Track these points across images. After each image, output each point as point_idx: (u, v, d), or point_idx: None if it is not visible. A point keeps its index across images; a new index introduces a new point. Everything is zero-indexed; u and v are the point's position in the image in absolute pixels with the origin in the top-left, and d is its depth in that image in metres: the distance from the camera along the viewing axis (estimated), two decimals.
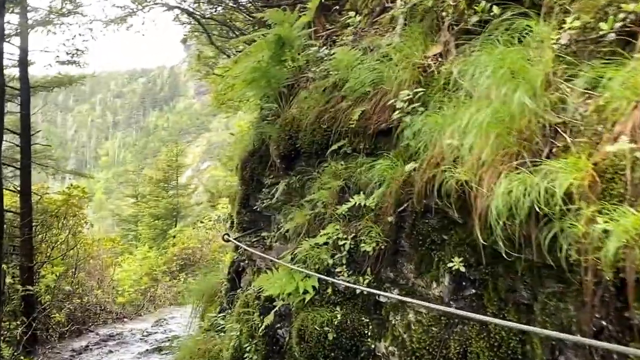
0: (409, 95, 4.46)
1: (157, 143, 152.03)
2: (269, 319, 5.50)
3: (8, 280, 13.45)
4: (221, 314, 8.32)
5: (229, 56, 15.88)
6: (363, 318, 4.62)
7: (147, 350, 12.35)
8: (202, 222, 27.58)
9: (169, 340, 13.11)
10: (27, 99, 15.48)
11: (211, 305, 9.45)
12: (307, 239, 5.20)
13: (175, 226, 30.81)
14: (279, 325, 5.66)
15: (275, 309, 5.48)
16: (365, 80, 5.09)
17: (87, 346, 14.37)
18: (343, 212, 4.90)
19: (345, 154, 5.30)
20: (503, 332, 3.40)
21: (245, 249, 7.21)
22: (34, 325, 14.06)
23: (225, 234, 7.50)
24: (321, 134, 5.55)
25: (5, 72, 15.36)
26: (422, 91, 4.42)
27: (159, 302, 20.83)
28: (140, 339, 14.16)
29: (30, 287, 14.42)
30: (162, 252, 26.07)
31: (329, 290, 4.90)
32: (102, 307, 18.04)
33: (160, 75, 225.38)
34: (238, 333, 6.55)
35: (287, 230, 5.82)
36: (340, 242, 4.80)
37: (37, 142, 16.21)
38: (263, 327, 5.66)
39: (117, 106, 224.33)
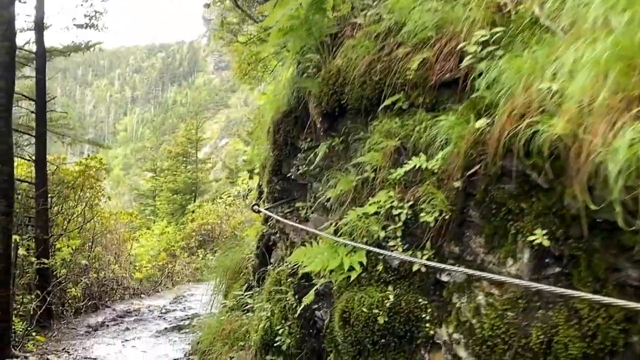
0: (484, 36, 3.72)
1: (175, 119, 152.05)
2: (309, 298, 4.83)
3: (22, 252, 12.88)
4: (248, 292, 7.68)
5: (255, 21, 15.18)
6: (420, 300, 3.92)
7: (165, 328, 11.75)
8: (221, 197, 27.03)
9: (188, 318, 12.51)
10: (43, 63, 14.83)
11: (236, 283, 8.80)
12: (353, 208, 4.50)
13: (194, 201, 30.23)
14: (316, 305, 5.01)
15: (315, 288, 4.82)
16: (427, 22, 4.34)
17: (103, 322, 13.85)
18: (398, 177, 4.18)
19: (401, 110, 4.56)
20: (600, 319, 2.68)
21: (277, 220, 6.55)
22: (48, 299, 13.57)
23: (254, 205, 6.86)
24: (372, 88, 4.81)
25: (20, 35, 14.77)
26: (500, 31, 3.68)
27: (177, 278, 20.29)
28: (159, 316, 13.60)
29: (45, 260, 13.86)
30: (181, 227, 25.51)
31: (379, 267, 4.21)
32: (119, 283, 17.50)
33: (180, 50, 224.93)
34: (269, 314, 5.90)
35: (328, 199, 5.12)
36: (395, 212, 4.11)
37: (53, 109, 15.56)
38: (300, 307, 5.00)
39: (135, 81, 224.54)
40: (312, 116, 5.67)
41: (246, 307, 7.43)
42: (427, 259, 3.85)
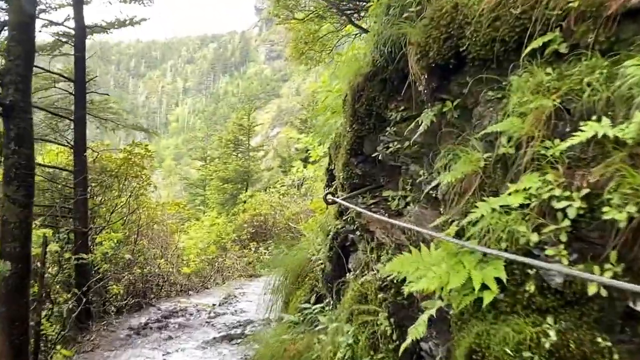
0: None
1: (226, 109, 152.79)
2: (418, 330, 3.26)
3: (54, 247, 11.60)
4: (317, 305, 6.15)
5: None
6: (600, 339, 2.57)
7: (214, 338, 10.22)
8: (274, 187, 25.61)
9: (240, 325, 11.01)
10: (82, 40, 13.51)
11: (299, 289, 7.26)
12: (483, 199, 3.04)
13: (246, 191, 28.83)
14: (423, 336, 3.46)
15: (425, 315, 3.29)
16: None
17: (146, 324, 12.49)
18: (560, 152, 2.73)
19: (557, 55, 3.06)
20: None
21: (358, 214, 5.00)
22: (86, 298, 12.31)
23: (327, 194, 5.33)
24: (509, 25, 3.24)
25: (59, 11, 13.52)
26: None
27: (228, 273, 18.89)
28: (206, 322, 12.15)
29: (84, 255, 12.61)
30: (231, 218, 24.12)
31: (530, 287, 2.86)
32: (165, 279, 16.17)
33: (231, 41, 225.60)
34: (350, 340, 4.38)
35: (438, 186, 3.59)
36: (557, 204, 2.70)
37: (93, 90, 14.26)
38: (403, 340, 3.44)
39: (187, 72, 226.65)
40: (412, 75, 4.05)
41: (316, 325, 5.87)
42: (613, 277, 2.50)
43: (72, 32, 13.52)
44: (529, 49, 3.09)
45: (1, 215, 8.16)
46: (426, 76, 3.84)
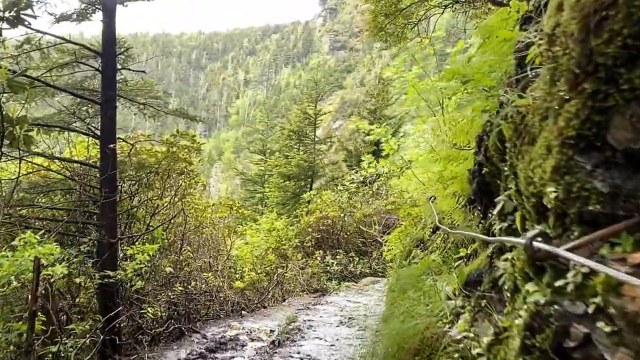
0: None
1: (288, 101, 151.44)
2: None
3: (60, 270, 8.77)
4: None
5: None
6: None
7: None
8: (342, 184, 22.60)
9: None
10: (112, 6, 10.80)
11: None
12: None
13: (310, 189, 25.70)
14: None
15: None
16: None
17: None
18: None
19: None
20: None
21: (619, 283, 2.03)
22: (112, 326, 9.69)
23: (533, 237, 2.41)
24: None
25: None
26: None
27: (289, 286, 16.03)
28: None
29: (110, 273, 9.95)
30: (293, 221, 21.11)
31: None
32: (214, 296, 13.37)
33: (294, 31, 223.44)
34: None
35: None
36: None
37: (127, 66, 11.50)
38: None
39: (249, 64, 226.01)
40: None
41: None
42: None
43: None
44: None
45: None
46: None
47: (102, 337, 9.18)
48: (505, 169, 3.23)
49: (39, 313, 7.34)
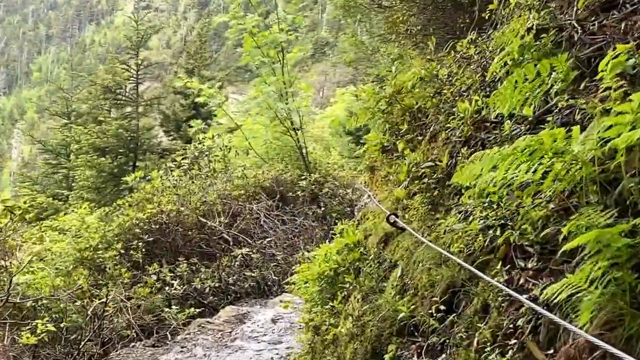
0: None
1: (93, 60, 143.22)
2: None
3: None
4: None
5: None
6: None
7: None
8: (174, 160, 16.68)
9: None
10: None
11: None
12: None
13: (134, 168, 18.86)
14: None
15: None
16: None
17: None
18: None
19: None
20: None
21: None
22: None
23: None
24: None
25: None
26: None
27: (110, 324, 10.30)
28: None
29: None
30: (115, 214, 14.61)
31: None
32: None
33: None
34: None
35: None
36: None
37: None
38: None
39: (51, 18, 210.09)
40: None
41: None
42: None
43: None
44: None
45: None
46: None
47: None
48: None
49: None
